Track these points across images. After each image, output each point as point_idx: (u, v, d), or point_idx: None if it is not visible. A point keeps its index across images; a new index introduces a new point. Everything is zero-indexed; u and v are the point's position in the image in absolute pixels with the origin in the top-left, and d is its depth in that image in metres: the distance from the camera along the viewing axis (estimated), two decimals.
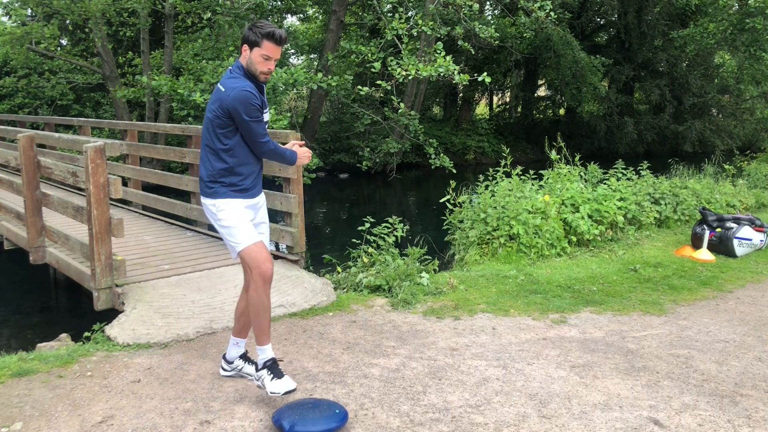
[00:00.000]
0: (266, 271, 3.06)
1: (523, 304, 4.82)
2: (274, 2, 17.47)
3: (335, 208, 14.86)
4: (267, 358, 3.11)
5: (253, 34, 2.98)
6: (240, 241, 3.08)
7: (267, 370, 3.09)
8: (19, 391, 3.23)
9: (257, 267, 3.05)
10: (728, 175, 10.00)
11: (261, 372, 3.11)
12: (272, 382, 3.06)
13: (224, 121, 3.00)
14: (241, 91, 2.94)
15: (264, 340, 3.11)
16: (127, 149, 8.03)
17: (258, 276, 3.05)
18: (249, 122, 2.97)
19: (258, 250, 3.08)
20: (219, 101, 2.99)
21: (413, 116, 14.93)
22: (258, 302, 3.07)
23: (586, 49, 22.37)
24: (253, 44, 2.99)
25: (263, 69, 3.02)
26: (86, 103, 19.14)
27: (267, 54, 2.99)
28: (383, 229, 5.84)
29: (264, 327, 3.10)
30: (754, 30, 17.63)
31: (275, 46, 3.00)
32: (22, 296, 7.09)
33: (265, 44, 2.97)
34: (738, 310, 4.81)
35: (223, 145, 3.04)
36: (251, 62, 3.02)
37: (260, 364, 3.12)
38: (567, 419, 3.01)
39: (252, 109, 2.96)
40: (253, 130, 3.00)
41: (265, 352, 3.12)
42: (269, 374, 3.08)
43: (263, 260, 3.07)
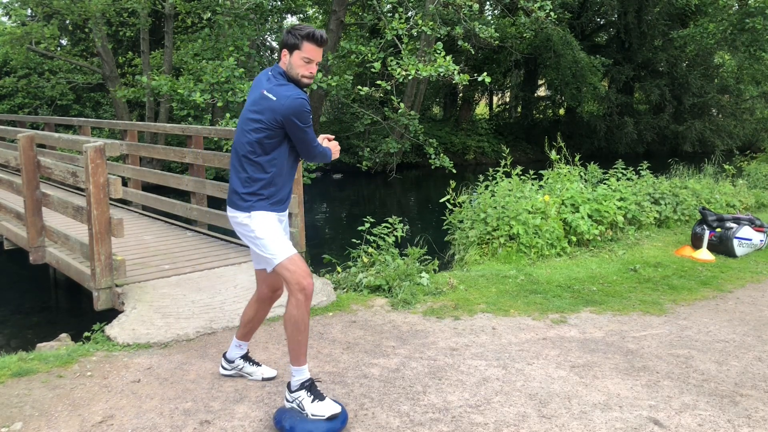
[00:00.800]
0: (308, 287, 2.87)
1: (523, 304, 4.82)
2: (274, 2, 17.46)
3: (335, 208, 14.86)
4: (304, 378, 2.92)
5: (293, 37, 2.86)
6: (276, 253, 2.89)
7: (306, 391, 2.90)
8: (19, 391, 3.23)
9: (298, 283, 2.85)
10: (728, 175, 10.00)
11: (298, 393, 2.90)
12: (314, 404, 2.88)
13: (274, 132, 2.84)
14: (296, 100, 2.80)
15: (302, 360, 2.92)
16: (127, 149, 8.04)
17: (299, 291, 2.85)
18: (304, 129, 2.85)
19: (297, 263, 2.89)
20: (271, 110, 2.81)
21: (413, 116, 14.93)
22: (299, 320, 2.87)
23: (586, 49, 22.38)
24: (293, 47, 2.86)
25: (305, 72, 2.88)
26: (86, 103, 19.16)
27: (308, 56, 2.86)
28: (383, 229, 5.84)
29: (303, 346, 2.91)
30: (754, 30, 17.63)
31: (316, 47, 2.87)
32: (22, 296, 7.10)
33: (305, 46, 2.85)
34: (738, 310, 4.81)
35: (267, 155, 2.88)
36: (291, 66, 2.88)
37: (295, 385, 2.92)
38: (567, 419, 3.02)
39: (307, 116, 2.84)
40: (307, 136, 2.88)
41: (302, 372, 2.93)
42: (309, 395, 2.90)
43: (304, 275, 2.87)
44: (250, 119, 2.87)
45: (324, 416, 2.84)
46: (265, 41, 16.94)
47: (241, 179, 2.93)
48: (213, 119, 15.79)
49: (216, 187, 6.41)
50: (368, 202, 16.11)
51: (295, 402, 2.91)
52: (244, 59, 12.99)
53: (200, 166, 6.97)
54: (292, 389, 2.92)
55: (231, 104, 11.72)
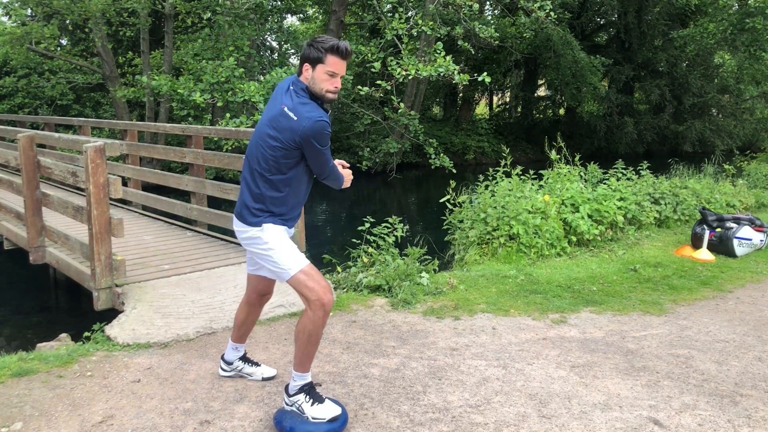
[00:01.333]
0: (328, 304, 2.75)
1: (523, 304, 4.82)
2: (274, 2, 17.47)
3: (335, 208, 14.86)
4: (304, 383, 2.89)
5: (315, 50, 2.72)
6: (290, 265, 2.78)
7: (305, 394, 2.87)
8: (19, 391, 3.23)
9: (319, 299, 2.73)
10: (728, 175, 10.00)
11: (297, 397, 2.87)
12: (313, 407, 2.84)
13: (292, 152, 2.72)
14: (317, 122, 2.66)
15: (307, 368, 2.87)
16: (127, 149, 8.03)
17: (320, 308, 2.74)
18: (322, 151, 2.74)
19: (315, 278, 2.77)
20: (290, 130, 2.68)
21: (413, 116, 14.94)
22: (314, 333, 2.78)
23: (586, 49, 22.39)
24: (316, 61, 2.71)
25: (330, 87, 2.74)
26: (86, 103, 19.16)
27: (332, 70, 2.71)
28: (383, 229, 5.84)
29: (311, 356, 2.85)
30: (754, 30, 17.63)
31: (341, 60, 2.72)
32: (22, 296, 7.09)
33: (329, 59, 2.70)
34: (738, 310, 4.81)
35: (282, 174, 2.77)
36: (315, 81, 2.72)
37: (293, 389, 2.88)
38: (567, 419, 3.02)
39: (326, 138, 2.72)
40: (323, 157, 2.78)
41: (305, 378, 2.88)
42: (308, 398, 2.86)
43: (324, 290, 2.75)
44: (268, 135, 2.74)
45: (324, 419, 2.82)
46: (265, 41, 16.94)
47: (253, 194, 2.82)
48: (213, 119, 15.79)
49: (216, 187, 6.41)
50: (368, 202, 16.11)
51: (294, 405, 2.88)
52: (244, 59, 12.99)
53: (200, 166, 6.97)
54: (291, 393, 2.89)
55: (231, 104, 11.72)
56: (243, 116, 11.08)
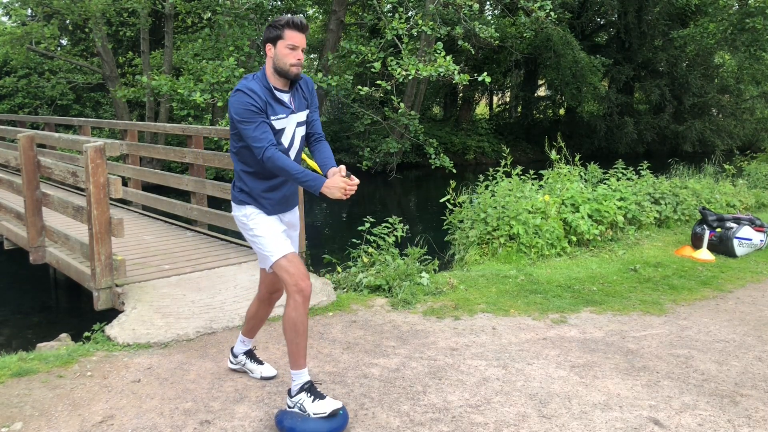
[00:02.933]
0: (305, 288, 2.84)
1: (523, 304, 4.82)
2: (274, 2, 17.46)
3: (335, 208, 14.86)
4: (303, 382, 2.91)
5: (273, 29, 2.87)
6: (272, 250, 2.88)
7: (306, 392, 2.89)
8: (19, 391, 3.23)
9: (296, 284, 2.83)
10: (728, 175, 10.00)
11: (298, 396, 2.89)
12: (314, 403, 2.86)
13: (232, 123, 2.91)
14: (236, 91, 2.82)
15: (301, 363, 2.90)
16: (127, 149, 8.04)
17: (297, 293, 2.83)
18: (239, 123, 2.80)
19: (295, 264, 2.87)
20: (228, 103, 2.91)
21: (413, 116, 14.93)
22: (298, 321, 2.84)
23: (586, 49, 22.37)
24: (276, 39, 2.85)
25: (292, 60, 2.84)
26: (86, 103, 19.16)
27: (292, 43, 2.83)
28: (383, 229, 5.84)
29: (302, 349, 2.88)
30: (754, 30, 17.63)
31: (298, 33, 2.85)
32: (22, 296, 7.09)
33: (287, 33, 2.83)
34: (738, 310, 4.81)
35: (233, 148, 2.96)
36: (278, 58, 2.84)
37: (295, 390, 2.91)
38: (567, 419, 3.02)
39: (242, 110, 2.77)
40: (244, 132, 2.80)
41: (301, 376, 2.91)
42: (309, 396, 2.88)
43: (302, 276, 2.85)
44: None
45: (326, 413, 2.83)
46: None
47: (234, 174, 3.04)
48: (213, 119, 15.79)
49: (216, 187, 6.41)
50: (368, 202, 16.10)
51: (296, 406, 2.89)
52: (244, 59, 12.98)
53: (200, 166, 6.97)
54: (292, 394, 2.91)
55: None
56: None
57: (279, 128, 2.89)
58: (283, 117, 2.89)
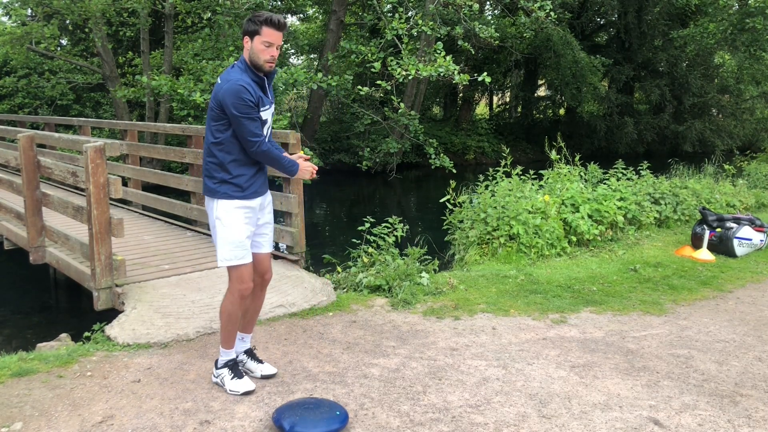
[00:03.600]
0: (245, 291, 3.16)
1: (523, 304, 4.82)
2: (274, 2, 17.47)
3: (335, 208, 14.86)
4: (229, 359, 3.26)
5: (252, 23, 2.97)
6: (229, 258, 3.11)
7: (228, 369, 3.24)
8: (19, 391, 3.23)
9: (239, 284, 3.14)
10: (728, 175, 10.00)
11: (221, 370, 3.25)
12: (232, 381, 3.21)
13: (217, 114, 2.98)
14: (234, 84, 2.91)
15: (230, 344, 3.25)
16: (127, 149, 8.03)
17: (237, 291, 3.15)
18: (238, 117, 2.93)
19: (243, 269, 3.14)
20: (215, 94, 2.99)
21: (413, 116, 14.93)
22: (233, 313, 3.17)
23: (586, 49, 22.37)
24: (253, 33, 2.96)
25: (266, 57, 2.98)
26: (86, 103, 19.15)
27: (268, 40, 2.95)
28: (383, 229, 5.84)
29: (232, 333, 3.23)
30: (754, 30, 17.62)
31: (275, 31, 2.96)
32: (22, 296, 7.09)
33: (264, 30, 2.94)
34: (738, 310, 4.81)
35: (214, 138, 3.03)
36: (253, 52, 2.98)
37: (221, 363, 3.26)
38: (567, 419, 3.02)
39: (241, 105, 2.91)
40: (242, 126, 2.95)
41: (229, 354, 3.27)
42: (230, 373, 3.23)
43: (245, 279, 3.14)
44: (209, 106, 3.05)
45: (239, 392, 3.16)
46: None
47: (204, 162, 3.16)
48: None
49: None
50: (368, 202, 16.10)
51: (219, 378, 3.25)
52: None
53: (200, 166, 6.94)
54: (218, 366, 3.27)
55: None
56: None
57: (264, 119, 3.06)
58: (267, 109, 3.08)
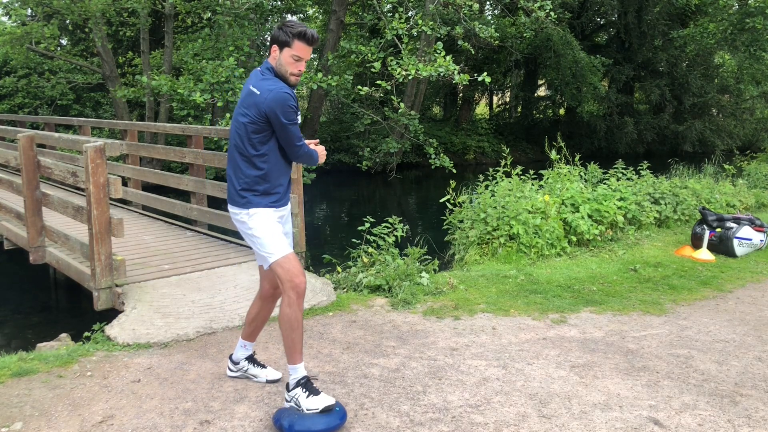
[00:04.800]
0: (299, 285, 2.92)
1: (523, 304, 4.82)
2: (274, 2, 17.46)
3: (335, 208, 14.86)
4: (300, 377, 2.96)
5: (284, 33, 2.86)
6: (272, 251, 2.94)
7: (301, 388, 2.94)
8: (19, 391, 3.23)
9: (290, 280, 2.91)
10: (728, 175, 10.00)
11: (295, 391, 2.94)
12: (309, 399, 2.91)
13: (260, 126, 2.86)
14: (279, 93, 2.82)
15: (297, 358, 2.95)
16: (127, 149, 8.03)
17: (291, 289, 2.91)
18: (287, 125, 2.85)
19: (291, 261, 2.94)
20: (255, 105, 2.84)
21: (413, 116, 14.92)
22: (293, 317, 2.91)
23: (586, 49, 22.38)
24: (284, 44, 2.87)
25: (293, 70, 2.89)
26: (86, 103, 19.15)
27: (298, 54, 2.87)
28: (383, 229, 5.84)
29: (297, 344, 2.94)
30: (754, 30, 17.62)
31: (306, 46, 2.87)
32: (22, 296, 7.09)
33: (296, 44, 2.85)
34: (738, 309, 4.81)
35: (256, 151, 2.90)
36: (281, 63, 2.89)
37: (292, 384, 2.96)
38: (567, 419, 3.02)
39: (290, 112, 2.84)
40: (291, 133, 2.88)
41: (298, 371, 2.96)
42: (304, 391, 2.93)
43: (296, 273, 2.93)
44: (240, 114, 2.91)
45: (318, 408, 2.88)
46: (265, 41, 16.94)
47: (237, 175, 2.98)
48: (213, 119, 15.79)
49: (216, 186, 6.41)
50: (368, 202, 16.10)
51: (293, 400, 2.94)
52: (244, 59, 12.98)
53: (200, 166, 6.97)
54: (290, 388, 2.97)
55: (231, 104, 11.70)
56: None
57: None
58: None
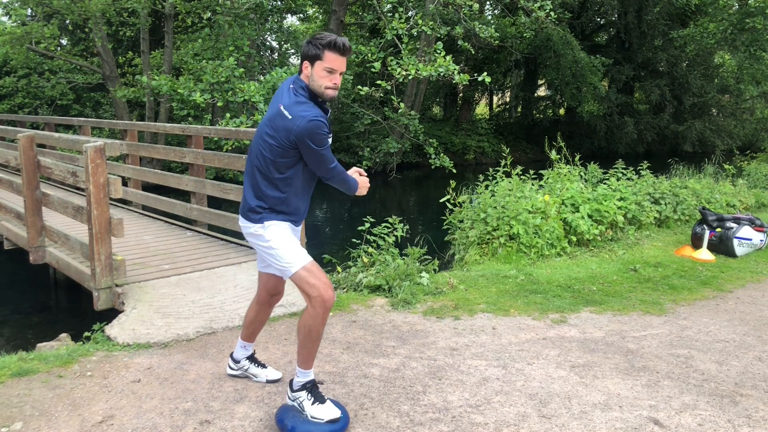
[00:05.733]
0: (329, 300, 2.76)
1: (523, 304, 4.82)
2: (274, 2, 17.46)
3: (335, 208, 14.86)
4: (307, 380, 2.92)
5: (313, 47, 2.72)
6: (291, 261, 2.79)
7: (307, 392, 2.90)
8: (19, 391, 3.23)
9: (320, 296, 2.74)
10: (728, 175, 10.00)
11: (299, 393, 2.91)
12: (314, 406, 2.86)
13: (288, 151, 2.73)
14: (311, 122, 2.65)
15: (309, 364, 2.90)
16: (127, 149, 8.03)
17: (320, 305, 2.75)
18: (319, 152, 2.72)
19: (317, 275, 2.78)
20: (285, 130, 2.69)
21: (413, 116, 14.94)
22: (314, 330, 2.80)
23: (586, 49, 22.39)
24: (314, 58, 2.72)
25: (328, 84, 2.74)
26: (86, 103, 19.16)
27: (331, 66, 2.72)
28: (383, 229, 5.84)
29: (313, 352, 2.87)
30: (754, 30, 17.62)
31: (339, 56, 2.72)
32: (22, 296, 7.09)
33: (327, 56, 2.71)
34: (738, 309, 4.81)
35: (280, 174, 2.78)
36: (314, 79, 2.73)
37: (297, 385, 2.92)
38: (567, 419, 3.02)
39: (323, 139, 2.70)
40: (321, 158, 2.75)
41: (307, 375, 2.92)
42: (309, 397, 2.89)
43: (324, 286, 2.76)
44: (266, 134, 2.76)
45: (323, 420, 2.83)
46: (265, 41, 16.94)
47: (255, 194, 2.85)
48: (213, 119, 15.79)
49: (216, 187, 6.41)
50: (368, 202, 16.10)
51: (296, 401, 2.92)
52: (244, 59, 12.99)
53: (200, 166, 6.97)
54: (294, 388, 2.93)
55: (231, 104, 11.72)
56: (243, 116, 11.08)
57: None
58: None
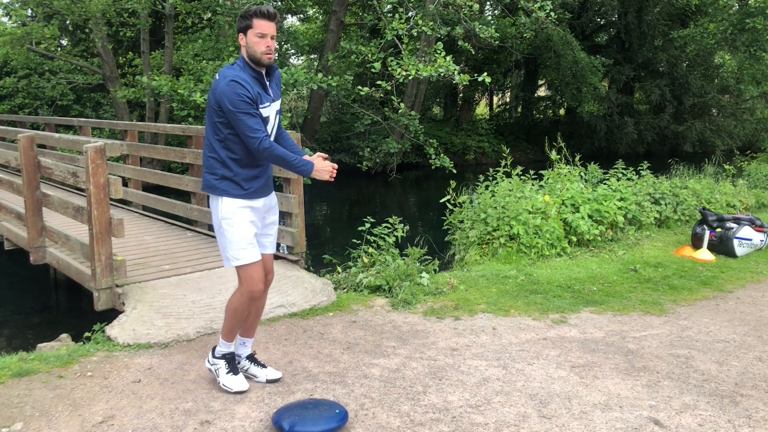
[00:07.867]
0: (256, 293, 3.13)
1: (523, 304, 4.82)
2: (274, 2, 17.47)
3: (335, 208, 14.86)
4: (227, 351, 3.26)
5: (243, 19, 2.98)
6: (238, 257, 3.07)
7: (225, 362, 3.25)
8: (20, 391, 3.23)
9: (249, 289, 3.10)
10: (728, 175, 10.00)
11: (218, 361, 3.26)
12: (227, 375, 3.22)
13: (217, 111, 2.96)
14: (230, 81, 2.89)
15: (231, 338, 3.24)
16: (128, 149, 8.03)
17: (247, 294, 3.11)
18: (236, 113, 2.89)
19: (255, 270, 3.10)
20: (212, 90, 2.98)
21: (413, 116, 14.93)
22: (239, 310, 3.14)
23: (586, 49, 22.36)
24: (246, 28, 2.96)
25: (262, 48, 2.94)
26: (86, 104, 19.15)
27: (261, 31, 2.93)
28: (383, 229, 5.84)
29: (236, 329, 3.22)
30: (754, 30, 17.63)
31: (267, 21, 2.95)
32: (22, 296, 7.09)
33: (255, 23, 2.94)
34: (738, 310, 4.81)
35: (216, 135, 3.01)
36: (249, 47, 2.96)
37: (218, 353, 3.26)
38: (567, 419, 3.02)
39: (238, 100, 2.87)
40: (239, 122, 2.90)
41: (228, 346, 3.26)
42: (226, 367, 3.24)
43: (256, 283, 3.11)
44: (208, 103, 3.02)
45: (232, 390, 3.18)
46: None
47: (204, 158, 3.12)
48: None
49: None
50: (368, 202, 16.10)
51: (213, 367, 3.27)
52: None
53: (200, 167, 6.95)
54: (215, 355, 3.27)
55: None
56: None
57: (264, 116, 3.02)
58: (267, 105, 3.03)
